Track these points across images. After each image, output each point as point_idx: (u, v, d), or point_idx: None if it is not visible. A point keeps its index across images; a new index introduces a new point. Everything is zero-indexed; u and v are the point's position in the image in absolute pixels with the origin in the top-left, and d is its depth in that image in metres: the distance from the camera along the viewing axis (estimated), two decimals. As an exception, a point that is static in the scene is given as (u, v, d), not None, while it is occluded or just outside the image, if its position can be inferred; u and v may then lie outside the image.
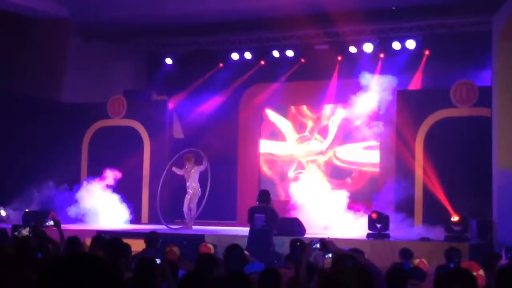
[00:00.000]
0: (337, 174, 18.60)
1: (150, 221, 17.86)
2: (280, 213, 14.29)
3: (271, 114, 19.54)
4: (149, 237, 10.32)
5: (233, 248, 8.06)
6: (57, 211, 16.32)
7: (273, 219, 12.16)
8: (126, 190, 17.71)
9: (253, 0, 16.87)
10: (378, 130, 17.79)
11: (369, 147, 18.29)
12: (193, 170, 16.35)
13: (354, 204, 16.83)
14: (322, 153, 18.82)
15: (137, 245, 10.47)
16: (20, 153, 17.51)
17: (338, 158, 18.69)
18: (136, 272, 6.29)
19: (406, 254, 10.41)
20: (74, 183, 17.88)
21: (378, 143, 18.04)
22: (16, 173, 17.15)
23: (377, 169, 18.02)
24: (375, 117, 17.76)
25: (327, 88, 18.54)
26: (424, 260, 9.22)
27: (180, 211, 17.35)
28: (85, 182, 18.18)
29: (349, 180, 18.40)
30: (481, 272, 7.30)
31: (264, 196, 12.39)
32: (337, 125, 18.68)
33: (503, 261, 7.66)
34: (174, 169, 16.62)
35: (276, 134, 19.48)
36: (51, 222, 9.70)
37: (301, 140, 19.14)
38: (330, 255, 5.66)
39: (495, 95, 13.74)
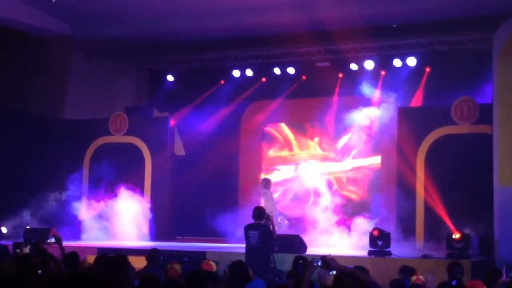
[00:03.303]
0: (338, 191, 18.59)
1: (151, 238, 17.83)
2: (281, 230, 14.28)
3: (274, 130, 19.56)
4: (151, 254, 10.31)
5: (236, 265, 8.04)
6: (58, 227, 16.31)
7: (267, 235, 12.07)
8: (128, 206, 17.70)
9: (254, 17, 16.93)
10: (380, 147, 17.82)
11: (370, 164, 18.30)
12: (268, 193, 16.17)
13: (348, 219, 16.88)
14: (324, 170, 18.81)
15: (139, 262, 10.46)
16: (22, 170, 17.51)
17: (340, 175, 18.68)
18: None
19: (406, 271, 10.41)
20: (76, 200, 17.89)
21: (379, 160, 18.05)
22: (18, 189, 17.13)
23: (378, 186, 18.01)
24: (377, 134, 17.79)
25: (329, 105, 18.57)
26: (421, 276, 9.20)
27: (180, 228, 17.39)
28: (86, 199, 18.22)
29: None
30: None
31: (258, 212, 12.33)
32: (338, 142, 18.69)
33: (503, 278, 7.62)
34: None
35: (278, 150, 19.48)
36: (53, 239, 9.71)
37: (303, 157, 19.13)
38: (334, 272, 5.66)
39: (496, 112, 13.76)
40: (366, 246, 14.20)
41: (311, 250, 14.05)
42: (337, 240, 16.42)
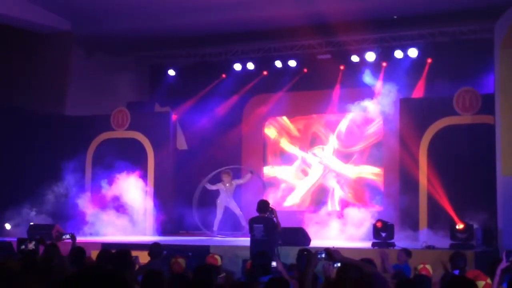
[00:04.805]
0: (338, 182, 18.58)
1: (155, 233, 17.85)
2: (285, 223, 14.27)
3: (275, 123, 19.56)
4: (152, 249, 10.31)
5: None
6: (62, 223, 16.35)
7: (272, 229, 12.07)
8: (131, 201, 17.73)
9: (254, 10, 16.91)
10: (381, 138, 17.80)
11: (372, 156, 18.28)
12: (231, 184, 17.09)
13: (351, 211, 16.94)
14: (326, 164, 18.81)
15: (142, 257, 10.47)
16: (24, 167, 17.52)
17: (342, 169, 18.67)
18: (144, 284, 6.29)
19: (406, 251, 10.82)
20: (79, 196, 17.90)
21: (381, 152, 18.03)
22: (20, 186, 17.15)
23: (381, 177, 18.00)
24: (379, 125, 17.78)
25: (330, 97, 18.57)
26: (427, 266, 9.20)
27: (183, 222, 17.42)
28: (89, 194, 18.23)
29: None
30: (489, 280, 7.27)
31: (263, 206, 12.33)
32: (340, 134, 18.68)
33: (503, 264, 7.60)
34: (207, 185, 17.31)
35: (281, 143, 19.48)
36: (67, 236, 9.82)
37: (305, 150, 19.12)
38: (339, 264, 5.67)
39: (498, 102, 13.74)
40: (370, 237, 14.20)
41: (314, 243, 14.05)
42: (340, 232, 16.41)
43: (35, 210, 17.11)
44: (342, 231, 16.42)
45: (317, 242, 14.36)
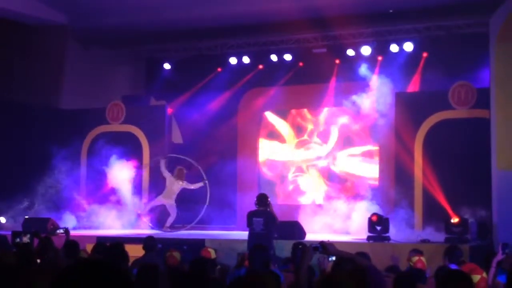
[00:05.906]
0: (336, 178, 18.59)
1: (151, 226, 17.83)
2: (279, 216, 14.31)
3: (271, 117, 19.54)
4: (147, 242, 10.31)
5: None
6: (57, 217, 16.33)
7: (272, 222, 12.12)
8: (126, 195, 17.71)
9: (250, 4, 16.89)
10: (377, 132, 17.81)
11: (369, 150, 18.30)
12: (180, 182, 16.79)
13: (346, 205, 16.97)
14: (321, 157, 18.81)
15: (136, 251, 10.47)
16: (20, 161, 17.50)
17: (337, 162, 18.67)
18: (139, 278, 6.28)
19: (417, 250, 10.69)
20: (74, 189, 17.88)
21: (377, 145, 18.05)
22: (16, 180, 17.13)
23: (376, 171, 18.00)
24: (374, 119, 17.78)
25: (326, 91, 18.56)
26: (422, 258, 9.21)
27: (179, 216, 17.42)
28: (84, 188, 18.22)
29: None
30: (485, 274, 7.29)
31: (262, 199, 12.36)
32: (335, 129, 18.69)
33: (499, 256, 7.63)
34: (162, 165, 17.05)
35: (275, 137, 19.47)
36: (61, 231, 9.83)
37: (300, 144, 19.13)
38: (334, 258, 5.67)
39: (493, 96, 13.75)
40: (365, 231, 14.22)
41: (309, 237, 14.06)
42: (336, 226, 16.43)
43: (30, 203, 17.09)
44: (337, 224, 16.43)
45: (311, 235, 14.38)
